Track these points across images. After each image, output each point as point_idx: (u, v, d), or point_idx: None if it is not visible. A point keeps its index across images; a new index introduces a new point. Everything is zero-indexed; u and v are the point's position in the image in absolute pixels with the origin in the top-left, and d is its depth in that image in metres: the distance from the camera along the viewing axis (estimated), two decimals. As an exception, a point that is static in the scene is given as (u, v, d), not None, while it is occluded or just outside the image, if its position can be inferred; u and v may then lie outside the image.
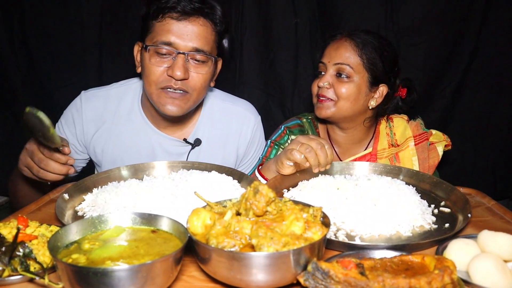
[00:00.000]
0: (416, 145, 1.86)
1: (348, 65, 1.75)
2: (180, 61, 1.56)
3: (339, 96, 1.76)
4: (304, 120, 1.98)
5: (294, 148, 1.45)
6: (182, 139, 1.82)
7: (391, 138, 1.91)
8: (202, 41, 1.59)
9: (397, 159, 1.86)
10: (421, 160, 1.84)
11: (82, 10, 2.37)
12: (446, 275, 0.87)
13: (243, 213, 1.02)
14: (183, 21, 1.56)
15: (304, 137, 1.47)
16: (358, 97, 1.78)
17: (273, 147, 1.91)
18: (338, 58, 1.76)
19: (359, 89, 1.77)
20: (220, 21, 1.64)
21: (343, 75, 1.75)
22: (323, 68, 1.82)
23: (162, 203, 1.26)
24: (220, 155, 1.89)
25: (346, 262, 0.91)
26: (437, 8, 2.36)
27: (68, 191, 1.36)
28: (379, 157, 1.88)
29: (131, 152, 1.81)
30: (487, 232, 1.06)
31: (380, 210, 1.25)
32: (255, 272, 0.88)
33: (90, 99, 1.80)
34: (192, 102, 1.66)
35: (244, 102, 1.98)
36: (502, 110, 2.51)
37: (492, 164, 2.59)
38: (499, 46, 2.42)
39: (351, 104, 1.77)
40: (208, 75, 1.65)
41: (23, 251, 1.01)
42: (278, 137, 1.94)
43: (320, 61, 1.83)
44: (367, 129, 1.91)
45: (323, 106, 1.79)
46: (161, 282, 0.89)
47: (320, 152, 1.42)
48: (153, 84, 1.61)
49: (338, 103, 1.77)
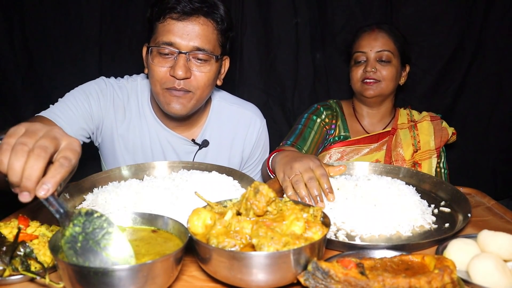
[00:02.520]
0: (432, 121, 2.16)
1: (388, 51, 2.05)
2: (181, 61, 1.59)
3: (384, 78, 2.06)
4: (331, 102, 2.24)
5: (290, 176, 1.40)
6: (191, 140, 1.85)
7: (410, 116, 2.21)
8: (203, 40, 1.60)
9: (416, 128, 2.14)
10: (436, 131, 2.12)
11: (82, 10, 2.37)
12: (446, 274, 0.87)
13: (244, 213, 1.02)
14: (183, 21, 1.58)
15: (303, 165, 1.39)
16: (397, 77, 2.11)
17: (311, 119, 2.11)
18: (379, 46, 2.06)
19: (397, 70, 2.09)
20: (221, 20, 1.65)
21: (384, 60, 2.05)
22: (363, 57, 2.09)
23: (163, 203, 1.26)
24: (226, 157, 1.93)
25: (346, 262, 0.92)
26: (438, 8, 2.36)
27: (68, 191, 1.37)
28: (399, 127, 2.15)
29: (143, 145, 1.85)
30: (487, 232, 1.06)
31: (380, 210, 1.25)
32: (256, 271, 0.88)
33: (113, 85, 1.83)
34: (195, 100, 1.68)
35: (251, 106, 2.02)
36: (503, 110, 2.51)
37: (492, 164, 2.58)
38: (500, 46, 2.41)
39: (393, 83, 2.09)
40: (211, 73, 1.66)
41: (24, 251, 1.01)
42: (314, 110, 2.16)
43: (359, 51, 2.09)
44: (391, 107, 2.21)
45: (372, 87, 2.07)
46: (161, 281, 0.89)
47: (311, 185, 1.32)
48: (158, 84, 1.65)
49: (383, 83, 2.06)
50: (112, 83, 1.83)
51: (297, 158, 1.44)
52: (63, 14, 2.37)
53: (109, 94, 1.79)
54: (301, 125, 2.09)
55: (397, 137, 2.11)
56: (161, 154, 1.87)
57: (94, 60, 2.44)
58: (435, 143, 2.09)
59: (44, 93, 2.44)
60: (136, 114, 1.84)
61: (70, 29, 2.39)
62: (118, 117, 1.82)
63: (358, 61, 2.11)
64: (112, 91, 1.81)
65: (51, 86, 2.44)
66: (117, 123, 1.82)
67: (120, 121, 1.82)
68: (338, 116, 2.20)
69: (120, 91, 1.83)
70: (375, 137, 2.13)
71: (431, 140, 2.09)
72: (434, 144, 2.08)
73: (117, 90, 1.83)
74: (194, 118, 1.84)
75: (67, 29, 2.39)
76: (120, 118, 1.82)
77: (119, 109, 1.82)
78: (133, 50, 2.40)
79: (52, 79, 2.44)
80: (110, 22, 2.39)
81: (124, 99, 1.83)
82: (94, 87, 1.78)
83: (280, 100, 2.54)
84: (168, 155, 1.88)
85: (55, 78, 2.43)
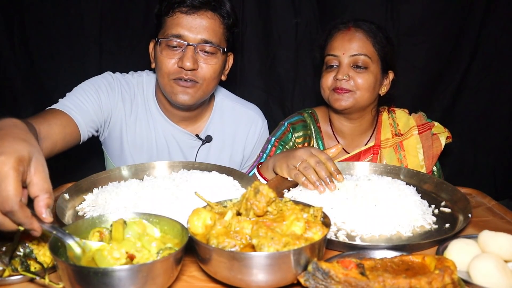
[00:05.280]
0: (420, 133, 1.87)
1: (365, 55, 1.74)
2: (189, 53, 1.65)
3: (359, 87, 1.75)
4: (306, 115, 1.96)
5: (295, 165, 1.41)
6: (195, 135, 1.90)
7: (395, 128, 1.91)
8: (211, 33, 1.68)
9: (402, 148, 1.86)
10: (426, 148, 1.84)
11: (82, 10, 2.37)
12: (446, 275, 0.87)
13: (244, 213, 1.02)
14: (192, 14, 1.66)
15: (306, 152, 1.41)
16: (375, 86, 1.79)
17: (277, 147, 1.89)
18: (354, 49, 1.75)
19: (375, 78, 1.78)
20: (227, 15, 1.72)
21: (360, 66, 1.75)
22: (335, 61, 1.79)
23: (163, 203, 1.26)
24: (228, 153, 1.98)
25: (347, 262, 0.91)
26: (438, 8, 2.35)
27: (68, 191, 1.37)
28: (383, 146, 1.87)
29: (149, 139, 1.89)
30: (487, 232, 1.05)
31: (380, 210, 1.25)
32: (256, 272, 0.88)
33: (120, 80, 1.87)
34: (202, 91, 1.73)
35: (254, 106, 2.07)
36: (503, 110, 2.51)
37: (492, 164, 2.58)
38: (499, 46, 2.41)
39: (370, 93, 1.78)
40: (217, 66, 1.72)
41: (23, 251, 1.01)
42: (282, 134, 1.90)
43: (330, 54, 1.80)
44: (372, 118, 1.92)
45: (343, 98, 1.76)
46: (161, 282, 0.89)
47: (319, 168, 1.36)
48: (166, 76, 1.70)
49: (357, 93, 1.76)
50: (118, 77, 1.88)
51: (295, 149, 1.46)
52: (63, 14, 2.38)
53: (117, 88, 1.85)
54: (266, 154, 1.88)
55: (381, 158, 1.86)
56: (165, 148, 1.91)
57: (94, 60, 2.45)
58: (425, 165, 1.84)
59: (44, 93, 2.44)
60: (142, 108, 1.89)
61: (70, 29, 2.39)
62: (127, 110, 1.87)
63: (330, 65, 1.80)
64: (119, 84, 1.86)
65: (51, 86, 2.44)
66: (126, 116, 1.87)
67: (128, 114, 1.87)
68: (312, 136, 1.93)
69: (127, 85, 1.88)
70: (356, 156, 1.87)
71: (419, 162, 1.84)
72: (425, 168, 1.83)
73: (124, 84, 1.88)
74: (198, 112, 1.89)
75: (67, 29, 2.39)
76: (128, 112, 1.87)
77: (127, 102, 1.87)
78: (133, 50, 2.40)
79: (52, 79, 2.44)
80: (110, 22, 2.40)
81: (130, 93, 1.88)
82: (102, 81, 1.83)
83: (279, 100, 2.54)
84: (172, 149, 1.92)
85: (55, 78, 2.43)
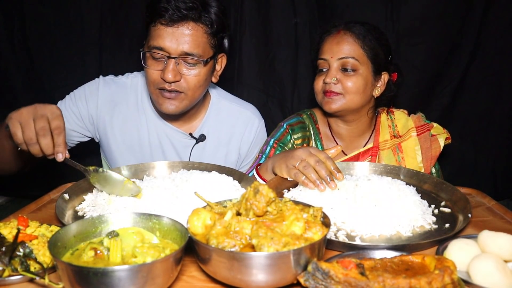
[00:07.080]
0: (419, 135, 1.87)
1: (353, 58, 1.75)
2: (170, 65, 1.65)
3: (348, 91, 1.76)
4: (305, 116, 1.97)
5: (294, 164, 1.41)
6: (188, 133, 1.90)
7: (393, 129, 1.91)
8: (192, 45, 1.65)
9: (400, 150, 1.86)
10: (424, 150, 1.84)
11: (82, 10, 2.37)
12: (446, 275, 0.87)
13: (243, 213, 1.02)
14: (172, 26, 1.63)
15: (305, 152, 1.41)
16: (365, 89, 1.79)
17: (276, 148, 1.88)
18: (342, 53, 1.76)
19: (365, 81, 1.78)
20: (211, 23, 1.67)
21: (349, 69, 1.75)
22: (325, 64, 1.80)
23: (162, 203, 1.26)
24: (223, 153, 1.97)
25: (346, 262, 0.91)
26: (438, 8, 2.35)
27: (68, 191, 1.37)
28: (381, 148, 1.88)
29: (141, 139, 1.90)
30: (487, 232, 1.05)
31: (380, 210, 1.25)
32: (256, 272, 0.88)
33: (108, 83, 1.90)
34: (188, 100, 1.74)
35: (250, 106, 2.07)
36: (503, 110, 2.51)
37: (492, 164, 2.58)
38: (499, 46, 2.41)
39: (360, 96, 1.78)
40: (201, 76, 1.71)
41: (23, 251, 1.01)
42: (281, 136, 1.90)
43: (320, 58, 1.82)
44: (370, 120, 1.92)
45: (332, 100, 1.78)
46: (161, 282, 0.89)
47: (319, 167, 1.36)
48: (151, 85, 1.72)
49: (347, 96, 1.77)
50: (107, 80, 1.91)
51: (294, 149, 1.46)
52: (63, 14, 2.38)
53: (100, 92, 1.86)
54: (265, 156, 1.88)
55: (380, 159, 1.87)
56: (159, 148, 1.91)
57: (94, 60, 2.45)
58: (424, 167, 1.84)
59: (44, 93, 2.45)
60: (134, 108, 1.90)
61: (70, 29, 2.39)
62: (114, 112, 1.88)
63: (320, 69, 1.83)
64: (104, 88, 1.87)
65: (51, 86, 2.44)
66: (112, 118, 1.88)
67: (117, 115, 1.88)
68: (311, 137, 1.94)
69: (116, 87, 1.90)
70: (355, 158, 1.88)
71: (418, 164, 1.84)
72: (423, 170, 1.83)
73: (113, 86, 1.89)
74: (192, 113, 1.89)
75: (67, 29, 2.39)
76: (117, 113, 1.88)
77: (114, 104, 1.88)
78: (133, 50, 2.40)
79: (52, 79, 2.44)
80: (110, 22, 2.40)
81: (121, 94, 1.89)
82: (83, 90, 1.88)
83: (279, 101, 2.54)
84: (166, 149, 1.92)
85: (55, 78, 2.43)
